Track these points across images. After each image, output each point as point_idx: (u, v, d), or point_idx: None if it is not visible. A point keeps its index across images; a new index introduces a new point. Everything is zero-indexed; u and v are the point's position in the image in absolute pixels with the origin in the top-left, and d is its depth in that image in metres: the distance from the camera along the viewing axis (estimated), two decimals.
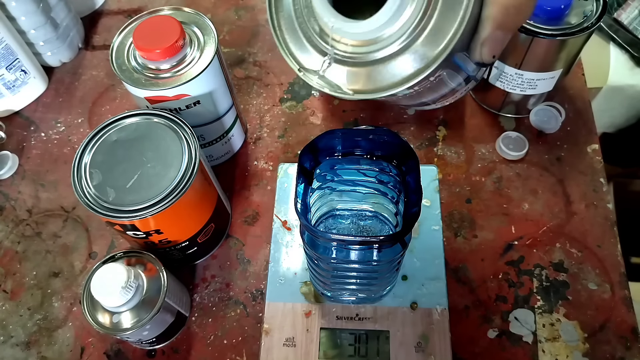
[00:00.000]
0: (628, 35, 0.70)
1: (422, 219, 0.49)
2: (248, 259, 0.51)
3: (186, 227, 0.45)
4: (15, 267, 0.52)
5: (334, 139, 0.35)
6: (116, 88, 0.63)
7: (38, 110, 0.62)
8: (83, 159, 0.42)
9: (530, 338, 0.45)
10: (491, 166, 0.55)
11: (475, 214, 0.52)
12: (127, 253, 0.43)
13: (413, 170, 0.34)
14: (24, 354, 0.47)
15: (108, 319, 0.40)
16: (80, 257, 0.52)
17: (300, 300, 0.46)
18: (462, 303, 0.47)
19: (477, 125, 0.58)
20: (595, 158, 0.54)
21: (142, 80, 0.44)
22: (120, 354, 0.47)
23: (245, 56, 0.65)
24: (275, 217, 0.51)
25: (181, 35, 0.43)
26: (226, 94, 0.50)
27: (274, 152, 0.57)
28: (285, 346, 0.44)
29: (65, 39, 0.63)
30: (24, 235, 0.54)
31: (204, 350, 0.47)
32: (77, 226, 0.54)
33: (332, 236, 0.33)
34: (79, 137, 0.60)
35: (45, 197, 0.56)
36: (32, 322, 0.49)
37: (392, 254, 0.35)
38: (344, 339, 0.45)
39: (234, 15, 0.69)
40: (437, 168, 0.53)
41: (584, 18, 0.47)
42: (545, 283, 0.48)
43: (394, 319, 0.45)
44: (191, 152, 0.41)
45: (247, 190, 0.55)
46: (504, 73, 0.52)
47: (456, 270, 0.49)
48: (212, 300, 0.49)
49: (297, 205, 0.33)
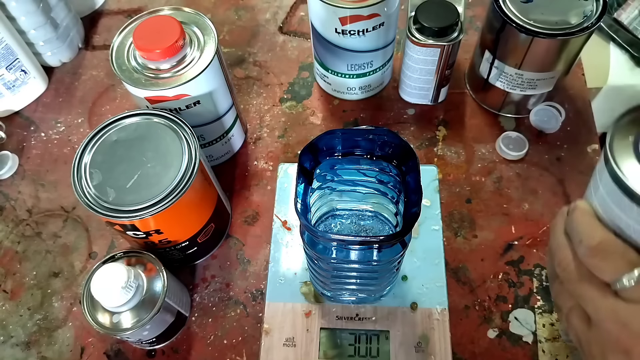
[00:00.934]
0: (628, 35, 0.69)
1: (422, 219, 0.49)
2: (248, 259, 0.51)
3: (186, 227, 0.45)
4: (15, 267, 0.52)
5: (334, 139, 0.35)
6: (116, 88, 0.63)
7: (38, 110, 0.62)
8: (83, 159, 0.42)
9: (530, 338, 0.45)
10: (491, 166, 0.55)
11: (475, 214, 0.52)
12: (127, 253, 0.43)
13: (413, 170, 0.34)
14: (24, 354, 0.47)
15: (108, 319, 0.40)
16: (80, 257, 0.52)
17: (300, 300, 0.46)
18: (462, 303, 0.47)
19: (477, 125, 0.58)
20: (595, 158, 0.54)
21: (142, 80, 0.44)
22: (120, 354, 0.47)
23: (245, 56, 0.65)
24: (275, 217, 0.51)
25: (181, 35, 0.43)
26: (226, 94, 0.50)
27: (274, 152, 0.57)
28: (285, 346, 0.44)
29: (65, 39, 0.63)
30: (24, 235, 0.54)
31: (204, 350, 0.47)
32: (77, 226, 0.54)
33: (332, 236, 0.33)
34: (79, 137, 0.60)
35: (45, 197, 0.56)
36: (32, 322, 0.49)
37: (392, 254, 0.35)
38: (344, 339, 0.45)
39: (234, 15, 0.69)
40: (437, 168, 0.53)
41: (584, 18, 0.47)
42: (545, 283, 0.48)
43: (394, 319, 0.45)
44: (191, 152, 0.41)
45: (247, 190, 0.55)
46: (504, 73, 0.52)
47: (456, 270, 0.49)
48: (212, 300, 0.49)
49: (297, 205, 0.33)
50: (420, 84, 0.56)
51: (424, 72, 0.54)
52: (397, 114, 0.59)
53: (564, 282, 0.32)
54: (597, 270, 0.29)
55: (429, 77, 0.55)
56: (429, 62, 0.53)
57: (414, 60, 0.53)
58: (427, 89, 0.56)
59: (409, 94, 0.58)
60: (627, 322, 0.28)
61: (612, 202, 0.29)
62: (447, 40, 0.50)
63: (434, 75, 0.54)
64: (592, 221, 0.30)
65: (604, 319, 0.29)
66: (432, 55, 0.52)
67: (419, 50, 0.52)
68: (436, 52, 0.51)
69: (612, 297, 0.29)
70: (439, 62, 0.52)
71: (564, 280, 0.32)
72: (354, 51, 0.52)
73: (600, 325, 0.29)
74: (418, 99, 0.59)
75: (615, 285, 0.28)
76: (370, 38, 0.51)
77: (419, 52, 0.52)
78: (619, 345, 0.28)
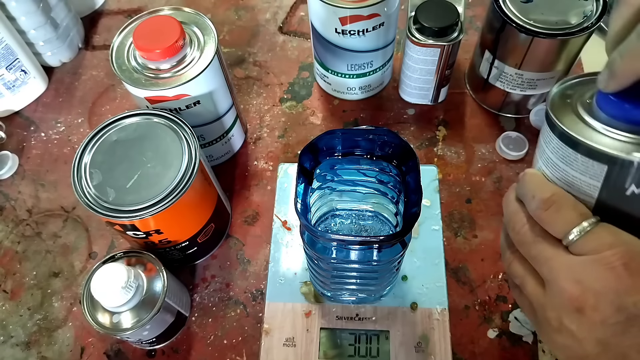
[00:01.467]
0: None
1: (422, 219, 0.49)
2: (248, 259, 0.51)
3: (186, 227, 0.45)
4: (15, 267, 0.52)
5: (334, 139, 0.35)
6: (116, 88, 0.63)
7: (38, 110, 0.62)
8: (83, 159, 0.42)
9: (530, 338, 0.45)
10: (491, 166, 0.55)
11: (475, 214, 0.52)
12: (127, 253, 0.43)
13: (413, 170, 0.34)
14: (24, 354, 0.47)
15: (108, 319, 0.40)
16: (80, 257, 0.52)
17: (300, 300, 0.46)
18: (462, 303, 0.47)
19: (477, 125, 0.58)
20: None
21: (142, 80, 0.44)
22: (120, 354, 0.47)
23: (245, 56, 0.65)
24: (275, 217, 0.51)
25: (181, 35, 0.43)
26: (226, 94, 0.50)
27: (274, 152, 0.57)
28: (285, 346, 0.44)
29: (65, 39, 0.63)
30: (24, 235, 0.54)
31: (204, 350, 0.47)
32: (77, 226, 0.54)
33: (332, 236, 0.33)
34: (79, 137, 0.60)
35: (45, 197, 0.56)
36: (32, 322, 0.49)
37: (392, 254, 0.35)
38: (344, 339, 0.45)
39: (234, 15, 0.69)
40: (437, 168, 0.53)
41: (584, 18, 0.47)
42: None
43: (394, 319, 0.45)
44: (191, 152, 0.41)
45: (247, 190, 0.55)
46: (504, 73, 0.52)
47: (456, 270, 0.49)
48: (212, 300, 0.49)
49: (297, 205, 0.33)
50: (420, 84, 0.56)
51: (424, 72, 0.54)
52: (397, 114, 0.59)
53: (519, 246, 0.32)
54: (549, 225, 0.29)
55: (429, 77, 0.55)
56: (429, 62, 0.53)
57: (414, 60, 0.53)
58: (427, 89, 0.56)
59: (409, 94, 0.58)
60: (580, 278, 0.27)
61: (558, 159, 0.30)
62: (447, 40, 0.50)
63: (434, 75, 0.54)
64: (542, 179, 0.31)
65: (557, 278, 0.28)
66: (432, 55, 0.52)
67: (419, 50, 0.52)
68: (436, 52, 0.51)
69: (565, 254, 0.29)
70: (439, 62, 0.52)
71: (519, 244, 0.32)
72: (354, 51, 0.52)
73: (554, 285, 0.29)
74: (418, 99, 0.59)
75: (566, 239, 0.28)
76: (370, 38, 0.51)
77: (419, 52, 0.52)
78: (572, 304, 0.27)
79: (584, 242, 0.28)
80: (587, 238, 0.28)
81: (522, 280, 0.32)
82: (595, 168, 0.28)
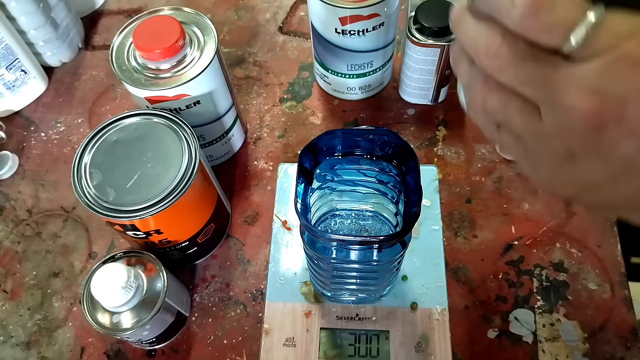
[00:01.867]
0: None
1: (422, 219, 0.49)
2: (248, 259, 0.51)
3: (186, 227, 0.45)
4: (15, 267, 0.52)
5: (334, 139, 0.35)
6: (116, 88, 0.63)
7: (38, 110, 0.62)
8: (83, 159, 0.42)
9: (530, 338, 0.45)
10: (491, 166, 0.55)
11: (475, 214, 0.52)
12: (127, 253, 0.43)
13: (413, 170, 0.34)
14: (24, 354, 0.47)
15: (108, 319, 0.40)
16: (80, 257, 0.52)
17: (300, 300, 0.46)
18: (462, 303, 0.47)
19: (477, 126, 0.57)
20: None
21: (142, 80, 0.44)
22: (120, 354, 0.47)
23: (245, 56, 0.65)
24: (275, 217, 0.51)
25: (181, 35, 0.43)
26: (226, 94, 0.50)
27: (274, 152, 0.57)
28: (285, 346, 0.44)
29: (65, 39, 0.63)
30: (24, 235, 0.54)
31: (204, 350, 0.47)
32: (77, 226, 0.54)
33: (332, 236, 0.33)
34: (79, 137, 0.60)
35: (45, 197, 0.56)
36: (32, 322, 0.49)
37: (392, 254, 0.35)
38: (344, 339, 0.45)
39: (234, 15, 0.69)
40: (437, 168, 0.53)
41: None
42: (545, 283, 0.48)
43: (394, 319, 0.45)
44: (191, 152, 0.41)
45: (247, 190, 0.55)
46: None
47: (456, 270, 0.49)
48: (212, 300, 0.49)
49: (297, 205, 0.33)
50: (420, 84, 0.56)
51: (424, 72, 0.54)
52: (397, 114, 0.59)
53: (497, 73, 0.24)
54: (542, 33, 0.22)
55: (429, 77, 0.55)
56: (429, 62, 0.53)
57: (414, 60, 0.53)
58: (427, 89, 0.56)
59: (409, 94, 0.58)
60: (596, 87, 0.21)
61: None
62: (447, 40, 0.50)
63: (434, 75, 0.54)
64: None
65: (563, 95, 0.22)
66: (432, 55, 0.52)
67: (419, 50, 0.52)
68: (436, 52, 0.51)
69: (568, 65, 0.22)
70: (439, 62, 0.52)
71: (497, 71, 0.24)
72: (354, 51, 0.52)
73: (559, 106, 0.22)
74: (418, 99, 0.59)
75: (568, 44, 0.21)
76: (370, 38, 0.51)
77: (419, 52, 0.52)
78: (588, 121, 0.21)
79: (593, 41, 0.21)
80: (596, 34, 0.21)
81: (506, 115, 0.25)
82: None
